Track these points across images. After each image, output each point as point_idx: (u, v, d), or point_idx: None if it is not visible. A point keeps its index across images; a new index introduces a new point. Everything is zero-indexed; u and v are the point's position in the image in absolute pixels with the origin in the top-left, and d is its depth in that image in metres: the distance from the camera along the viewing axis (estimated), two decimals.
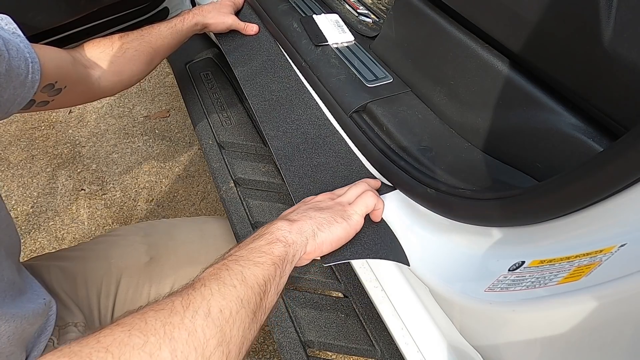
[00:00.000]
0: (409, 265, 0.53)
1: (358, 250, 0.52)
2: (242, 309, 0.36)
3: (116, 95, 1.89)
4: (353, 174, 0.62)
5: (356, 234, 0.51)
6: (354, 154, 0.65)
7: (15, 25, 0.55)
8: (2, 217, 0.56)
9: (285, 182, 0.64)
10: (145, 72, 0.78)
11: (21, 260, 0.62)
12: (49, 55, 0.59)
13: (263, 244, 0.42)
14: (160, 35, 0.76)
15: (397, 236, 0.56)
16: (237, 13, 0.90)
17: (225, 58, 0.85)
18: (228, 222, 0.77)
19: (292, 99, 0.73)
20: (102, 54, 0.70)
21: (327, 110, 0.70)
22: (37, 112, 1.50)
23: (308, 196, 0.58)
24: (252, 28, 0.85)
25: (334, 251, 0.49)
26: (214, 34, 0.89)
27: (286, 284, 0.45)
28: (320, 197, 0.55)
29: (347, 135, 0.66)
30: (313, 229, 0.46)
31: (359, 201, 0.51)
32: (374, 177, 0.62)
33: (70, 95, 0.64)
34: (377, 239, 0.54)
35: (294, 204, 0.56)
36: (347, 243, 0.50)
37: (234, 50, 0.84)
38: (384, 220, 0.57)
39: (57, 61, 0.61)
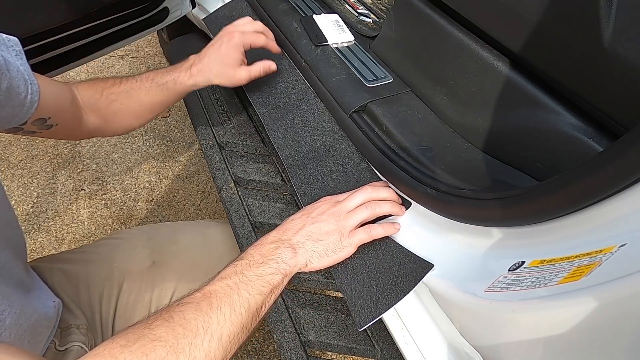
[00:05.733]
0: (433, 266, 0.53)
1: (387, 299, 0.53)
2: (242, 332, 0.46)
3: None
4: (363, 181, 0.62)
5: (379, 267, 0.55)
6: (364, 158, 0.65)
7: (21, 48, 0.55)
8: (11, 217, 0.57)
9: (296, 192, 0.64)
10: (135, 125, 0.73)
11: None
12: (50, 89, 0.58)
13: (268, 273, 0.49)
14: (149, 92, 0.68)
15: (399, 240, 0.56)
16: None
17: None
18: (230, 227, 0.77)
19: (299, 103, 0.73)
20: (91, 98, 0.67)
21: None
22: None
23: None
24: (269, 67, 0.70)
25: (363, 309, 0.53)
26: (213, 35, 0.89)
27: (286, 284, 0.52)
28: (322, 212, 0.55)
29: (347, 135, 0.66)
30: (307, 260, 0.53)
31: (358, 233, 0.54)
32: (384, 181, 0.61)
33: (58, 131, 0.63)
34: (397, 273, 0.54)
35: (296, 206, 0.57)
36: (376, 293, 0.54)
37: None
38: (394, 242, 0.57)
39: (57, 96, 0.60)
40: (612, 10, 0.40)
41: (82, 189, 1.56)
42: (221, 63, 0.67)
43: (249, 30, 0.69)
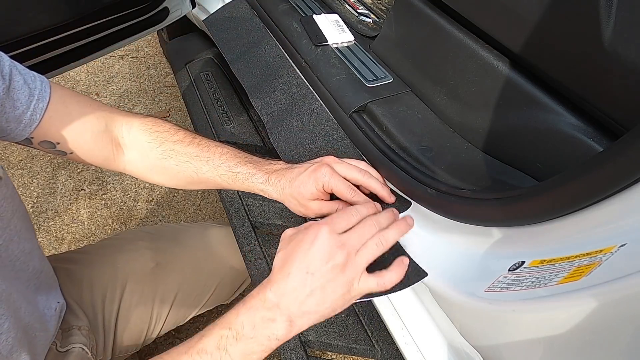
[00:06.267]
0: (427, 275, 0.51)
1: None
2: None
3: (116, 95, 1.90)
4: None
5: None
6: (364, 158, 0.65)
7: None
8: (23, 210, 0.56)
9: None
10: (181, 187, 0.67)
11: None
12: (67, 116, 0.54)
13: (256, 351, 0.44)
14: (215, 170, 0.60)
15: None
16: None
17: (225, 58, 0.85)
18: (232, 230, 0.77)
19: (298, 103, 0.73)
20: (145, 143, 0.61)
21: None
22: None
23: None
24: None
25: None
26: (213, 38, 0.89)
27: None
28: (325, 260, 0.45)
29: (347, 135, 0.66)
30: (305, 326, 0.46)
31: (369, 282, 0.47)
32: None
33: (77, 159, 0.59)
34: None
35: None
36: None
37: (237, 60, 0.84)
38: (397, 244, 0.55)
39: (74, 126, 0.55)
40: (612, 10, 0.40)
41: (82, 189, 1.56)
42: (296, 189, 0.57)
43: (341, 171, 0.56)
